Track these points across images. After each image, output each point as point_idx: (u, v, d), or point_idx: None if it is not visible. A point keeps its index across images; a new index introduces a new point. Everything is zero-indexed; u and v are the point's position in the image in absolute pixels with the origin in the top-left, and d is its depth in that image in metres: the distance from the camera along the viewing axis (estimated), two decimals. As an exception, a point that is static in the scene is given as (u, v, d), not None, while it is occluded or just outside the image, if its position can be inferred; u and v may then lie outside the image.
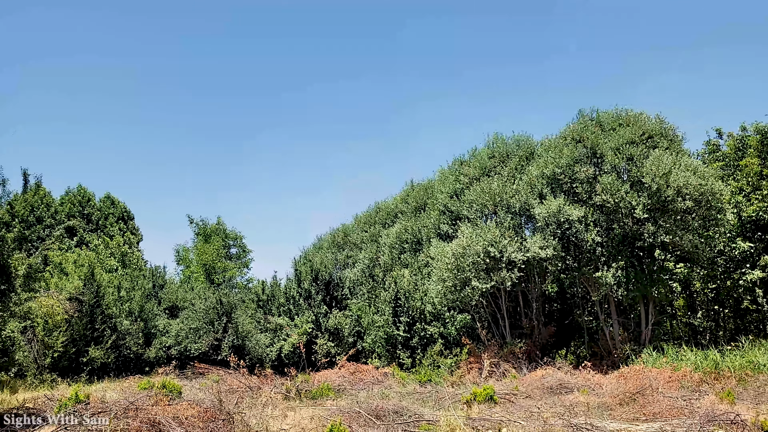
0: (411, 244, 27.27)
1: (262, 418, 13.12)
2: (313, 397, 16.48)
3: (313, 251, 33.59)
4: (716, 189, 19.73)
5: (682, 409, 11.91)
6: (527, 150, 25.28)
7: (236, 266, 42.16)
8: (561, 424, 10.95)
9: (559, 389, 16.32)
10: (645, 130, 21.74)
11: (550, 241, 21.01)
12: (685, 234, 20.08)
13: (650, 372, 16.71)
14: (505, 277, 20.83)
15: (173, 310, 28.39)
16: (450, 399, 15.17)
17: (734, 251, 23.48)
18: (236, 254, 43.89)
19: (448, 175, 27.25)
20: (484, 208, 23.30)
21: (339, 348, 24.05)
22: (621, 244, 21.35)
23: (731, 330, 25.89)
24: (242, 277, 42.45)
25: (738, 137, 26.70)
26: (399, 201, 31.11)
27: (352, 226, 33.85)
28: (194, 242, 43.33)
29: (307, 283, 25.97)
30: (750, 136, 26.03)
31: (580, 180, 21.47)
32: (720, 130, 28.26)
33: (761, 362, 16.56)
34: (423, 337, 23.09)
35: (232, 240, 43.93)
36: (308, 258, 29.17)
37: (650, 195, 19.93)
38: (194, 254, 41.51)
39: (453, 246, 21.96)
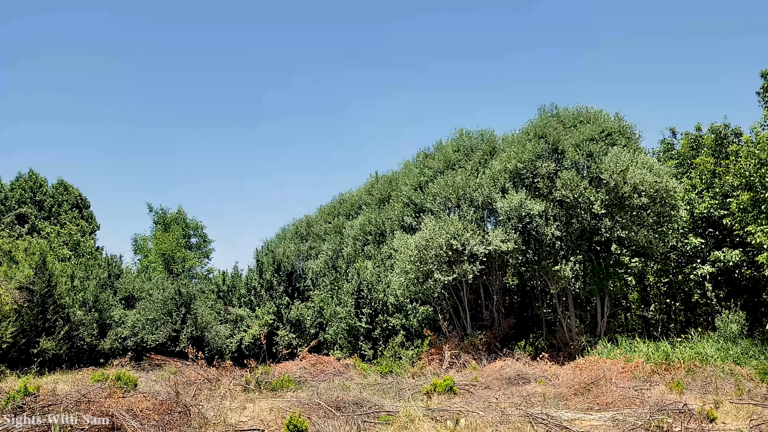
0: (374, 235, 27.26)
1: (220, 411, 12.93)
2: (273, 388, 16.33)
3: (276, 242, 33.20)
4: (670, 186, 20.35)
5: (633, 399, 12.29)
6: (491, 144, 25.54)
7: (196, 256, 41.32)
8: (518, 414, 11.14)
9: (517, 380, 16.62)
10: (604, 127, 22.23)
11: (512, 234, 21.32)
12: (640, 229, 20.68)
13: (605, 363, 17.19)
14: (467, 270, 21.04)
15: (130, 300, 27.65)
16: (410, 390, 15.27)
17: (686, 247, 24.34)
18: (197, 244, 43.01)
19: (413, 167, 27.30)
20: (447, 201, 23.46)
21: (301, 339, 23.90)
22: (579, 239, 21.84)
23: (682, 322, 26.88)
24: (202, 268, 41.65)
25: (693, 136, 27.61)
26: (363, 192, 31.02)
27: (316, 217, 33.60)
28: (153, 231, 42.30)
29: (269, 274, 25.67)
30: (705, 136, 26.95)
31: (542, 175, 21.83)
32: (674, 130, 29.18)
33: (709, 354, 17.24)
34: (385, 329, 23.17)
35: (193, 229, 43.01)
36: (270, 249, 28.82)
37: (608, 191, 20.42)
38: (153, 243, 40.49)
39: (416, 238, 22.05)
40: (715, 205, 23.79)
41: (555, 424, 10.33)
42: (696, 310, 26.57)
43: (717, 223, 24.17)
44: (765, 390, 13.78)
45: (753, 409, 11.46)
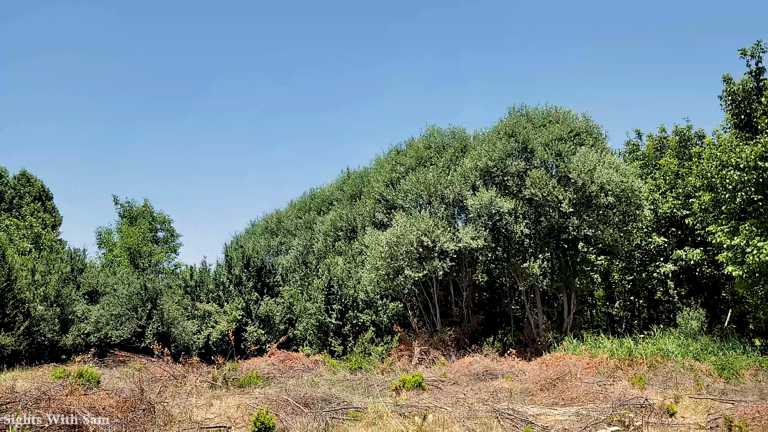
0: (346, 231, 27.17)
1: (186, 407, 12.74)
2: (241, 385, 16.15)
3: (245, 237, 32.81)
4: (635, 186, 20.81)
5: (597, 394, 12.55)
6: (462, 142, 25.70)
7: (163, 251, 40.51)
8: (485, 410, 11.27)
9: (485, 376, 16.82)
10: (572, 127, 22.59)
11: (482, 232, 21.51)
12: (606, 228, 21.10)
13: (570, 359, 17.52)
14: (437, 267, 21.16)
15: (93, 295, 26.97)
16: (379, 386, 15.30)
17: (650, 245, 24.94)
18: (164, 238, 42.16)
19: (385, 164, 27.30)
20: (419, 198, 23.53)
21: (270, 335, 23.69)
22: (547, 237, 22.17)
23: (645, 319, 27.56)
24: (170, 263, 40.85)
25: (657, 138, 28.28)
26: (334, 188, 30.88)
27: (287, 212, 33.31)
28: (119, 225, 41.30)
29: (238, 269, 25.35)
30: (669, 137, 27.64)
31: (512, 173, 22.07)
32: (639, 131, 29.87)
33: (670, 349, 17.72)
34: (355, 325, 23.14)
35: (160, 223, 42.16)
36: (240, 244, 28.47)
37: (576, 190, 20.76)
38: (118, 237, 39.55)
39: (387, 235, 22.07)
40: (678, 205, 24.43)
41: (521, 419, 10.48)
42: (659, 307, 27.27)
43: (679, 223, 24.83)
44: (723, 385, 14.24)
45: (711, 403, 11.82)
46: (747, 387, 13.62)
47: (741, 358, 16.36)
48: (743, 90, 19.72)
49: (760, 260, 16.21)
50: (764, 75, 19.77)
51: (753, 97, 19.58)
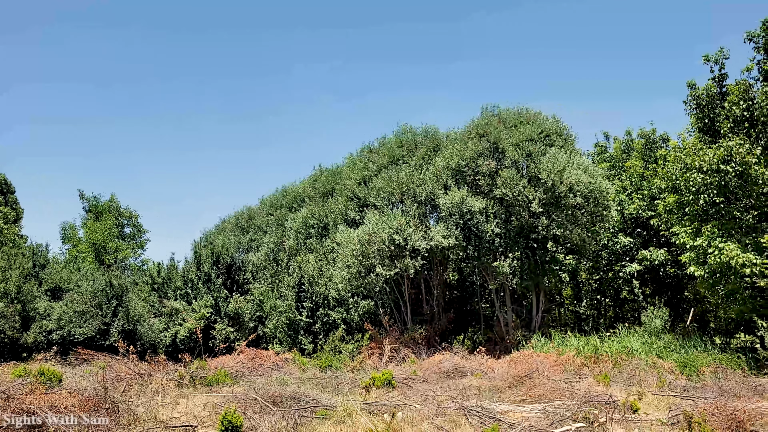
0: (317, 229, 27.02)
1: (152, 407, 12.50)
2: (209, 383, 15.92)
3: (215, 233, 32.35)
4: (603, 187, 21.21)
5: (563, 391, 12.75)
6: (434, 141, 25.81)
7: (130, 247, 39.60)
8: (454, 407, 11.34)
9: (454, 373, 16.92)
10: (543, 128, 22.90)
11: (453, 230, 21.65)
12: (575, 228, 21.46)
13: (538, 357, 17.77)
14: (408, 265, 21.22)
15: (56, 291, 26.21)
16: (349, 384, 15.27)
17: (616, 245, 25.47)
18: (130, 234, 41.21)
19: (357, 161, 27.23)
20: (391, 196, 23.55)
21: (239, 333, 23.40)
22: (518, 236, 22.44)
23: (611, 318, 28.13)
24: (136, 259, 39.95)
25: (623, 141, 28.89)
26: (307, 185, 30.67)
27: (258, 208, 32.95)
28: (84, 220, 40.22)
29: (207, 266, 24.96)
30: (635, 140, 28.26)
31: (483, 173, 22.26)
32: (607, 134, 30.45)
33: (634, 347, 18.12)
34: (326, 323, 23.04)
35: (127, 219, 41.18)
36: (209, 240, 28.06)
37: (545, 190, 21.05)
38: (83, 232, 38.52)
39: (359, 232, 22.03)
40: (643, 207, 24.98)
41: (489, 416, 10.58)
42: (624, 306, 27.87)
43: (645, 224, 25.41)
44: (684, 382, 14.63)
45: (672, 400, 12.14)
46: (707, 384, 14.02)
47: (702, 356, 16.83)
48: (707, 95, 20.26)
49: (721, 261, 16.69)
50: (727, 81, 20.34)
51: (716, 103, 20.13)
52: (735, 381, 13.79)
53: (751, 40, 19.45)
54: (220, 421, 10.15)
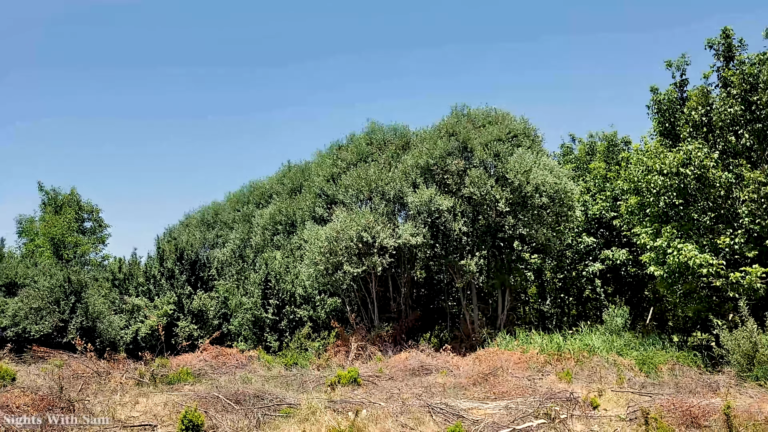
0: (285, 225, 26.76)
1: (110, 406, 12.18)
2: (170, 382, 15.60)
3: (179, 229, 31.75)
4: (568, 188, 21.59)
5: (526, 388, 12.92)
6: (403, 139, 25.84)
7: (90, 241, 38.45)
8: (418, 404, 11.36)
9: (420, 371, 16.97)
10: (511, 129, 23.16)
11: (421, 229, 21.71)
12: (540, 228, 21.78)
13: (503, 354, 17.97)
14: (376, 263, 21.19)
15: (11, 287, 25.27)
16: (315, 382, 15.16)
17: (580, 245, 25.96)
18: (91, 228, 40.01)
19: (326, 158, 27.07)
20: (359, 194, 23.47)
21: (203, 331, 22.99)
22: (485, 235, 22.65)
23: (574, 316, 28.69)
24: (97, 254, 38.82)
25: (587, 143, 29.47)
26: (274, 181, 30.34)
27: (224, 204, 32.46)
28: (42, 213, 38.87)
29: (171, 262, 24.43)
30: (598, 143, 28.86)
31: (452, 172, 22.39)
32: (573, 135, 31.03)
33: (596, 345, 18.49)
34: (292, 320, 22.84)
35: (87, 213, 39.96)
36: (173, 236, 27.49)
37: (512, 190, 21.31)
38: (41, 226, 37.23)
39: (327, 230, 21.90)
40: (606, 207, 25.53)
41: (452, 413, 10.64)
42: (587, 304, 28.46)
43: (608, 224, 25.96)
44: (643, 379, 14.99)
45: (631, 396, 12.42)
46: (664, 381, 14.39)
47: (660, 354, 17.28)
48: (668, 100, 20.80)
49: (679, 261, 17.17)
50: (688, 87, 20.93)
51: (677, 107, 20.69)
52: (691, 378, 14.19)
53: (711, 47, 20.04)
54: (180, 420, 9.93)
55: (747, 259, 17.39)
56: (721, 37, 19.77)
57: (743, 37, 19.61)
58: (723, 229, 18.14)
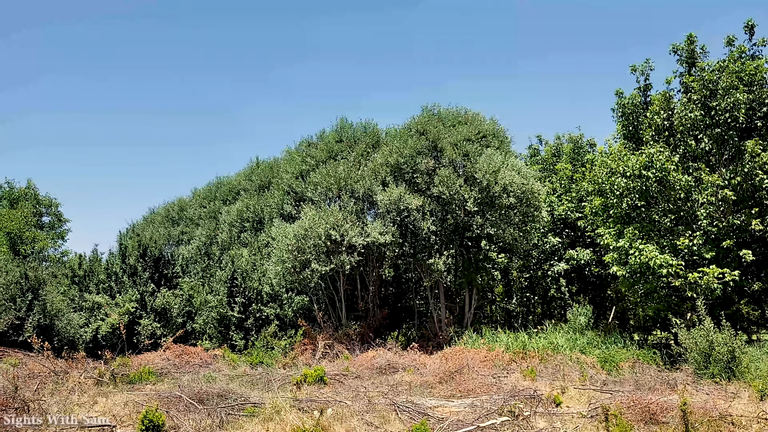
0: (252, 222, 26.43)
1: (67, 406, 11.82)
2: (131, 381, 15.23)
3: (143, 225, 31.04)
4: (535, 189, 21.90)
5: (492, 386, 13.05)
6: (374, 137, 25.80)
7: (49, 237, 37.24)
8: (384, 403, 11.35)
9: (387, 369, 16.97)
10: (480, 129, 23.36)
11: (390, 227, 21.72)
12: (508, 227, 22.04)
13: (469, 352, 18.12)
14: (344, 261, 21.10)
15: (-36, 284, 24.31)
16: (280, 381, 15.01)
17: (546, 245, 26.39)
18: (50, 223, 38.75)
19: (295, 155, 26.83)
20: (328, 191, 23.34)
21: (166, 329, 22.50)
22: (453, 234, 22.80)
23: (539, 315, 29.16)
24: (56, 250, 37.61)
25: (554, 145, 29.98)
26: (242, 178, 29.92)
27: (190, 200, 31.85)
28: (-3, 207, 37.46)
29: (133, 259, 23.84)
30: (564, 145, 29.38)
31: (421, 171, 22.46)
32: (540, 137, 31.53)
33: (560, 343, 18.82)
34: (258, 319, 22.56)
35: (46, 207, 38.68)
36: (137, 232, 26.85)
37: (481, 190, 21.50)
38: (-5, 220, 35.86)
39: (295, 227, 21.71)
40: (571, 208, 26.01)
41: (418, 411, 10.66)
42: (552, 303, 28.95)
43: (573, 225, 26.46)
44: (604, 376, 15.31)
45: (593, 394, 12.67)
46: (625, 378, 14.73)
47: (621, 352, 17.70)
48: (632, 104, 21.31)
49: (641, 262, 17.61)
50: (651, 91, 21.47)
51: (640, 111, 21.21)
52: (650, 375, 14.56)
53: (675, 52, 20.61)
54: (140, 420, 9.70)
55: (705, 260, 17.95)
56: (686, 43, 20.35)
57: (705, 44, 20.27)
58: (682, 230, 18.67)
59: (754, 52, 19.58)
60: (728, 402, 10.82)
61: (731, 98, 18.26)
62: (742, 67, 18.63)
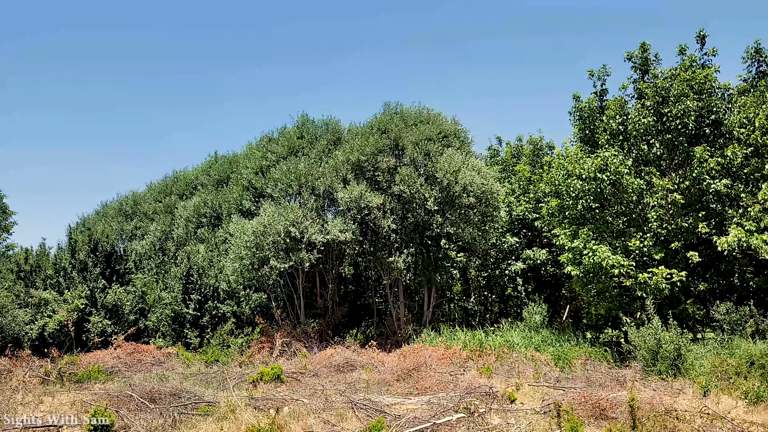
0: (210, 218, 25.89)
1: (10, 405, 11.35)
2: (79, 380, 14.72)
3: (95, 219, 29.97)
4: (495, 189, 22.22)
5: (448, 383, 13.17)
6: (335, 135, 25.67)
7: (-7, 230, 35.58)
8: (342, 401, 11.31)
9: (345, 367, 16.93)
10: (441, 129, 23.54)
11: (350, 225, 21.66)
12: (467, 227, 22.30)
13: (427, 350, 18.24)
14: (304, 258, 20.93)
15: None
16: (236, 379, 14.77)
17: (504, 245, 26.82)
18: (-7, 216, 37.02)
19: (256, 150, 26.44)
20: (289, 188, 23.10)
21: (117, 327, 21.80)
22: (413, 233, 22.92)
23: (496, 313, 29.63)
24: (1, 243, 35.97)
25: (514, 146, 30.50)
26: (200, 172, 29.26)
27: (145, 194, 30.95)
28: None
29: (84, 254, 22.99)
30: (524, 146, 29.92)
31: (382, 169, 22.48)
32: (500, 138, 32.03)
33: (516, 341, 19.17)
34: (214, 316, 22.13)
35: (-11, 199, 36.93)
36: (87, 226, 25.90)
37: (441, 189, 21.68)
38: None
39: (254, 224, 21.41)
40: (529, 209, 26.51)
41: (375, 409, 10.66)
42: (509, 302, 29.46)
43: (530, 225, 26.98)
44: (558, 373, 15.67)
45: (546, 390, 12.95)
46: (577, 375, 15.11)
47: (574, 349, 18.14)
48: (589, 108, 21.87)
49: (594, 262, 18.09)
50: (607, 96, 22.08)
51: (596, 115, 21.79)
52: (601, 372, 14.98)
53: (630, 59, 21.25)
54: (88, 419, 9.38)
55: (654, 261, 18.59)
56: (639, 50, 21.00)
57: (658, 52, 20.99)
58: (634, 232, 19.28)
59: (704, 61, 20.39)
60: (674, 398, 11.23)
61: (682, 105, 18.96)
62: (693, 76, 19.37)
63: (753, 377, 12.81)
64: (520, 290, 27.65)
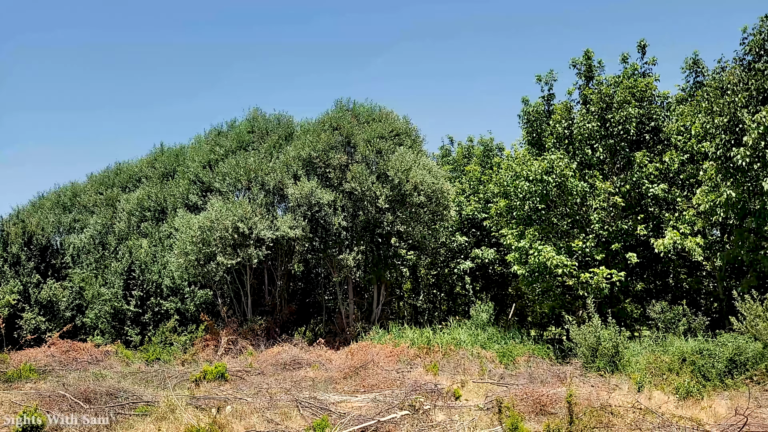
0: (154, 212, 25.07)
1: (-71, 408, 10.62)
2: (9, 379, 13.98)
3: (29, 210, 28.51)
4: (445, 189, 22.46)
5: (395, 381, 13.22)
6: (287, 130, 25.33)
7: None
8: (287, 399, 11.17)
9: (292, 365, 16.75)
10: (393, 127, 23.61)
11: (300, 221, 21.43)
12: (417, 225, 22.47)
13: (375, 348, 18.27)
14: (252, 254, 20.57)
15: None
16: (178, 378, 14.37)
17: (453, 244, 27.17)
18: None
19: (204, 143, 25.78)
20: (237, 183, 22.64)
21: (52, 323, 20.80)
22: (364, 230, 22.90)
23: (445, 311, 29.99)
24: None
25: (465, 146, 30.93)
26: (144, 164, 28.27)
27: (85, 186, 29.64)
28: None
29: (17, 247, 21.82)
30: (475, 147, 30.39)
31: (334, 166, 22.35)
32: (452, 138, 32.44)
33: (462, 339, 19.44)
34: (157, 313, 21.45)
35: None
36: (21, 218, 24.59)
37: (392, 187, 21.74)
38: None
39: (201, 218, 20.87)
40: (478, 209, 26.95)
41: (321, 407, 10.58)
42: (457, 300, 29.88)
43: (479, 225, 27.43)
44: (502, 370, 15.99)
45: (490, 387, 13.19)
46: (521, 372, 15.46)
47: (518, 347, 18.57)
48: (536, 112, 22.42)
49: (539, 261, 18.57)
50: (554, 100, 22.68)
51: (544, 119, 22.36)
52: (543, 369, 15.38)
53: (575, 66, 21.89)
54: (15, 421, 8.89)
55: (596, 261, 19.25)
56: (584, 58, 21.67)
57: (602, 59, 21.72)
58: (577, 233, 19.91)
59: (645, 69, 21.25)
60: (610, 393, 11.65)
61: (624, 112, 19.69)
62: (635, 84, 20.15)
63: (684, 373, 13.44)
64: (469, 288, 28.07)
